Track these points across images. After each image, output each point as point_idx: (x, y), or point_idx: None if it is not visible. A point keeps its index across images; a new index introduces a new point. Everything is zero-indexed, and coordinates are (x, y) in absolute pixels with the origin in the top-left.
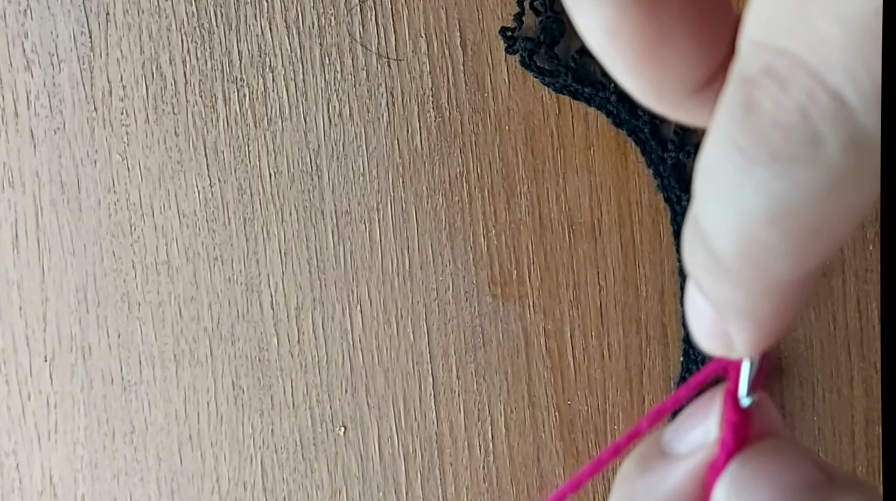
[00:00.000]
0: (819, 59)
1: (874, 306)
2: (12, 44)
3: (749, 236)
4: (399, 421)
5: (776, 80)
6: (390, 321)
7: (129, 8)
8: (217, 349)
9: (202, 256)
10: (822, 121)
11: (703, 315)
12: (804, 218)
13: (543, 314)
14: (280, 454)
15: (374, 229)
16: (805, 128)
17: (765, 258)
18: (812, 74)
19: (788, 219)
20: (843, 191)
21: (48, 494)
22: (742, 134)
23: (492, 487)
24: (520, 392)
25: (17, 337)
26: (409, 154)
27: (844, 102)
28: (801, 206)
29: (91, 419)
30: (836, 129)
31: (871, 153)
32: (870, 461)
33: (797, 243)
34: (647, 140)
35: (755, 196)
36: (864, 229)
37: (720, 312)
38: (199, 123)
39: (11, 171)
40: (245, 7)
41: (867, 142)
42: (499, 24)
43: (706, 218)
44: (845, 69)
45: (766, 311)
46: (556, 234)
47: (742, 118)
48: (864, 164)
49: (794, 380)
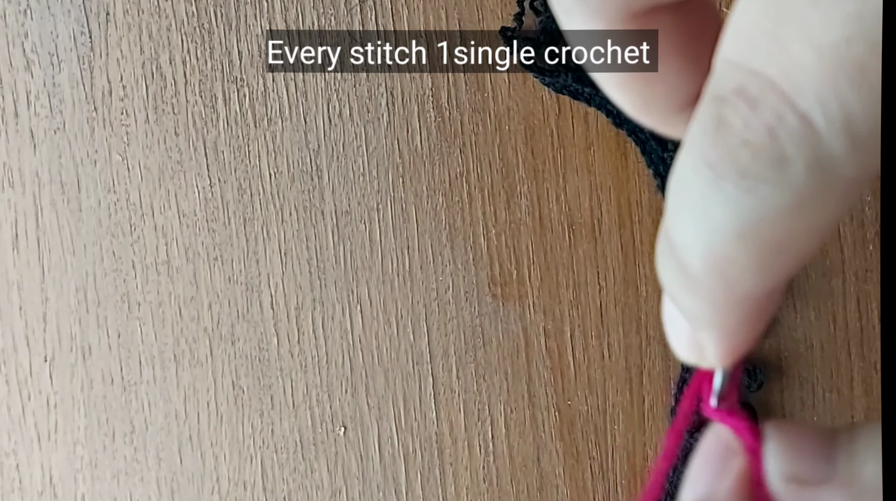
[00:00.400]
0: (790, 83)
1: (874, 306)
2: (12, 44)
3: (716, 250)
4: (399, 421)
5: (747, 100)
6: (390, 321)
7: (129, 8)
8: (217, 349)
9: (202, 256)
10: (789, 142)
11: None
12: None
13: (543, 313)
14: (280, 454)
15: (374, 229)
16: (772, 148)
17: (731, 272)
18: (782, 97)
19: (754, 234)
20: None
21: (48, 494)
22: (712, 150)
23: (492, 487)
24: (520, 392)
25: (17, 337)
26: (409, 154)
27: (812, 125)
28: (766, 222)
29: (91, 419)
30: (803, 150)
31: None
32: None
33: (762, 258)
34: (647, 140)
35: (722, 211)
36: (864, 229)
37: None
38: (199, 123)
39: (11, 171)
40: (245, 7)
41: (832, 165)
42: (499, 24)
43: (676, 231)
44: (815, 93)
45: (733, 323)
46: (556, 234)
47: (713, 135)
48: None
49: (794, 380)
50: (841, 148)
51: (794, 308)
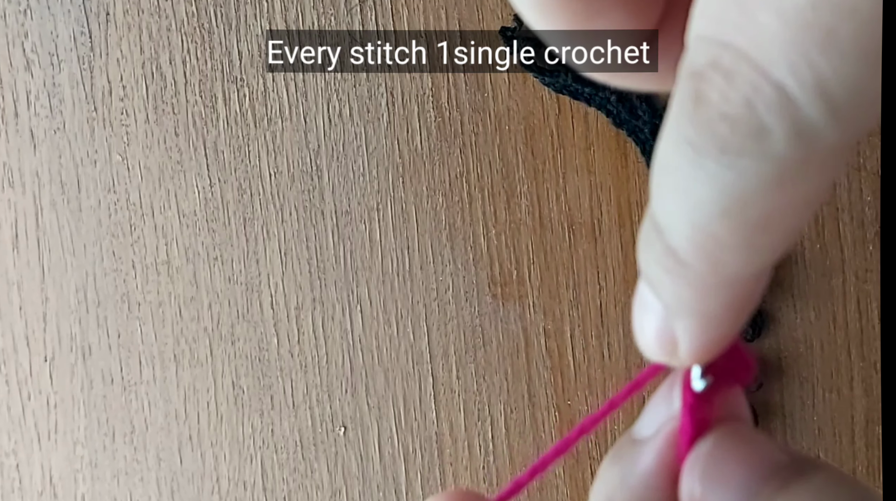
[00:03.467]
0: (761, 53)
1: (874, 306)
2: (12, 44)
3: (702, 229)
4: (399, 421)
5: (722, 73)
6: (390, 321)
7: (129, 8)
8: (217, 349)
9: (202, 256)
10: (766, 112)
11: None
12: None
13: (543, 314)
14: (280, 454)
15: (374, 229)
16: (751, 119)
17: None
18: (756, 67)
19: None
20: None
21: (48, 494)
22: (691, 127)
23: (492, 487)
24: (520, 392)
25: (17, 337)
26: (409, 154)
27: (787, 94)
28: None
29: (91, 419)
30: (781, 120)
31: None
32: (870, 461)
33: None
34: (647, 140)
35: (706, 188)
36: (864, 229)
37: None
38: (199, 123)
39: (11, 171)
40: (245, 7)
41: (812, 132)
42: (499, 24)
43: (661, 212)
44: (786, 62)
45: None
46: (556, 234)
47: (691, 112)
48: (810, 154)
49: (794, 380)
50: (819, 114)
51: (794, 308)
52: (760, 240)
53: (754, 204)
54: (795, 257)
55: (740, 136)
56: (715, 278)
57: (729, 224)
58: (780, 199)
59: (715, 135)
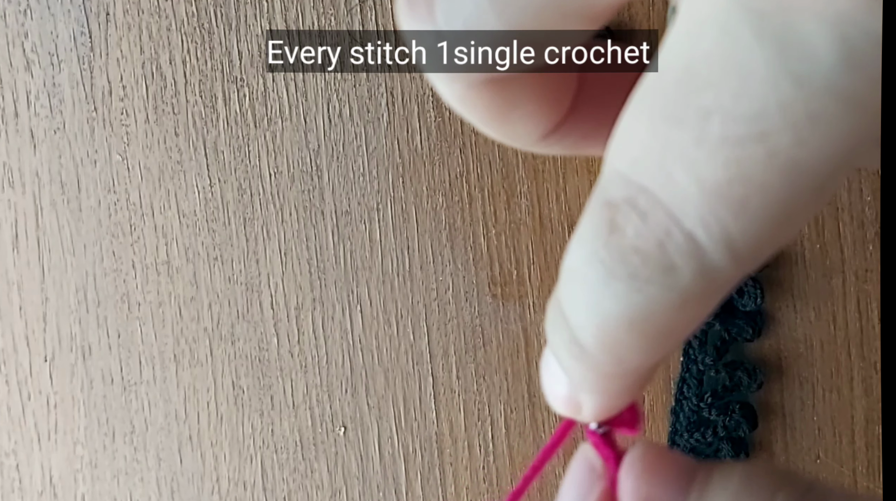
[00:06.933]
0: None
1: (874, 306)
2: (12, 44)
3: (607, 333)
4: (399, 421)
5: (638, 212)
6: (390, 321)
7: (129, 8)
8: (217, 349)
9: (202, 256)
10: (676, 254)
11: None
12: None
13: (543, 313)
14: (280, 454)
15: (374, 229)
16: (661, 258)
17: (621, 352)
18: (669, 214)
19: (643, 324)
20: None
21: (48, 494)
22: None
23: (492, 487)
24: (520, 392)
25: (17, 337)
26: (409, 154)
27: (696, 243)
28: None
29: (91, 419)
30: (689, 261)
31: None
32: (870, 461)
33: (650, 342)
34: None
35: (613, 303)
36: (864, 229)
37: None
38: (199, 123)
39: (11, 171)
40: (245, 7)
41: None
42: None
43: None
44: (699, 218)
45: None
46: (556, 234)
47: (606, 237)
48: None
49: (794, 380)
50: (723, 260)
51: (794, 308)
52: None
53: (657, 321)
54: (795, 257)
55: (650, 269)
56: (616, 369)
57: (633, 333)
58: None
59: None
